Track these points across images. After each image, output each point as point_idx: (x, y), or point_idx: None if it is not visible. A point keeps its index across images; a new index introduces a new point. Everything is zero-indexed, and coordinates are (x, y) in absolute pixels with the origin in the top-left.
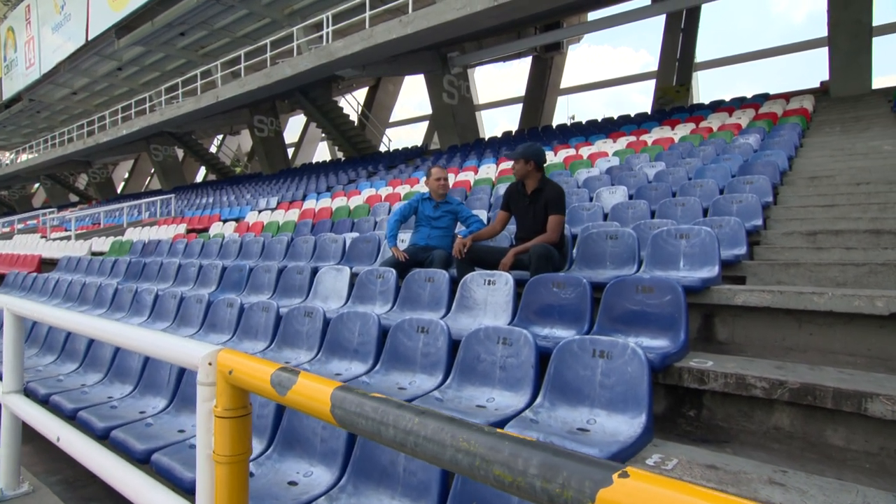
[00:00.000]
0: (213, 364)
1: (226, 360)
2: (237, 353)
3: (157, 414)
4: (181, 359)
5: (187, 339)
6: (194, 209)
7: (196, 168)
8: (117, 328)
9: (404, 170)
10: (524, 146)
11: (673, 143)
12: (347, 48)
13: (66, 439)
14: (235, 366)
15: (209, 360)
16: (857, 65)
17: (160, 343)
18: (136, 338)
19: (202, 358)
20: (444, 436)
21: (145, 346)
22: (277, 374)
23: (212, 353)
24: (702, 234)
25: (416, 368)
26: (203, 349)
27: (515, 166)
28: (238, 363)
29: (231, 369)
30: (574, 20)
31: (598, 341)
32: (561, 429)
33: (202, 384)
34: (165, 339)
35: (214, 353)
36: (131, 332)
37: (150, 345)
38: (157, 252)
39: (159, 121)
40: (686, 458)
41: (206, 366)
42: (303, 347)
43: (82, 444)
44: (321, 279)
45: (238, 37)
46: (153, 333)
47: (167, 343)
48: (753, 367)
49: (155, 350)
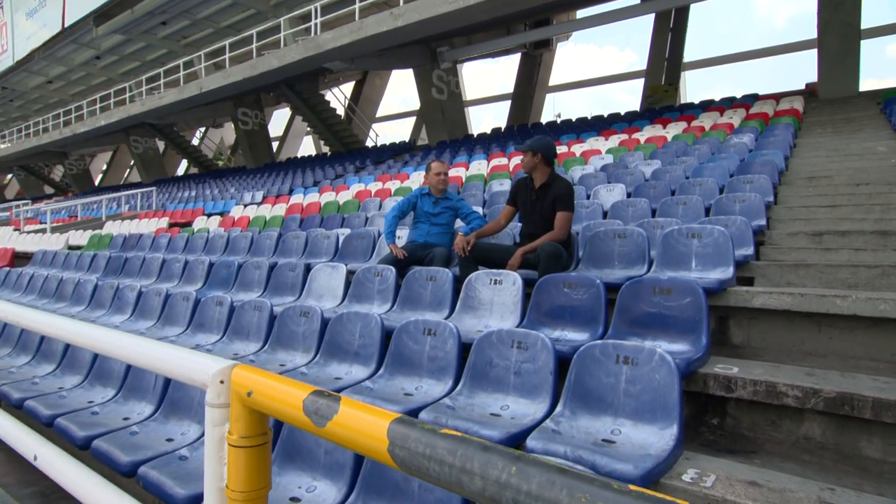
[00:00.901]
0: (227, 383)
1: (243, 378)
2: (256, 371)
3: (142, 421)
4: (185, 374)
5: (192, 351)
6: (176, 203)
7: (177, 161)
8: (102, 334)
9: (393, 165)
10: (534, 139)
11: (666, 142)
12: (336, 40)
13: (45, 457)
14: (257, 387)
15: (221, 378)
16: (846, 67)
17: (157, 353)
18: (127, 346)
19: (212, 375)
20: (556, 493)
21: (138, 356)
22: (313, 399)
23: (224, 369)
24: (715, 234)
25: (423, 373)
26: (213, 364)
27: (524, 159)
28: (260, 384)
29: (250, 390)
30: (563, 17)
31: (621, 346)
32: (585, 440)
33: (212, 406)
34: (164, 350)
35: (228, 370)
36: (119, 339)
37: (143, 355)
38: (138, 247)
39: (140, 111)
40: (723, 474)
41: (216, 384)
42: (299, 349)
43: (62, 462)
44: (315, 277)
45: (222, 27)
46: (147, 342)
47: (167, 354)
48: (782, 373)
49: (150, 361)
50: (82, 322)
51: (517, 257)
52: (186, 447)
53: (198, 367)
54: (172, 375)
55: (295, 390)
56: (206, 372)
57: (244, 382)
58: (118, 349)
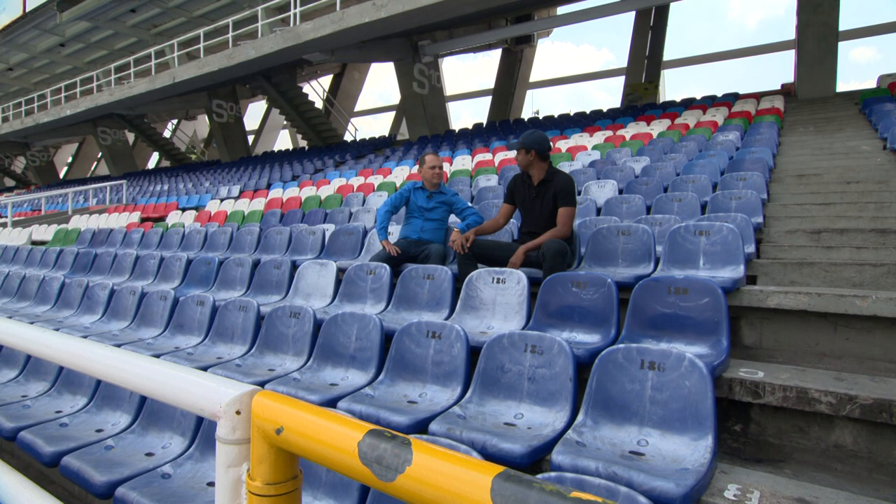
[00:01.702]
0: (245, 414)
1: (269, 410)
2: (285, 400)
3: (118, 433)
4: (187, 400)
5: (197, 371)
6: (148, 196)
7: (148, 154)
8: (68, 344)
9: (374, 160)
10: (525, 134)
11: (652, 139)
12: (316, 31)
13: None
14: (290, 422)
15: (237, 408)
16: (824, 68)
17: (148, 372)
18: (104, 361)
19: (226, 405)
20: None
21: (119, 374)
22: (372, 442)
23: (241, 396)
24: (724, 231)
25: (427, 379)
26: (226, 390)
27: (517, 157)
28: (294, 419)
29: (280, 426)
30: (544, 13)
31: (647, 351)
32: (612, 452)
33: (225, 442)
34: (158, 369)
35: (247, 398)
36: (94, 351)
37: (127, 373)
38: (108, 242)
39: (108, 101)
40: (767, 489)
41: (230, 416)
42: (289, 352)
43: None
44: (303, 275)
45: (195, 16)
46: (135, 357)
47: (162, 374)
48: (810, 378)
49: (139, 382)
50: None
51: (519, 255)
52: (169, 463)
53: (205, 393)
54: (171, 401)
55: (345, 429)
56: (215, 400)
57: (270, 415)
58: (90, 364)
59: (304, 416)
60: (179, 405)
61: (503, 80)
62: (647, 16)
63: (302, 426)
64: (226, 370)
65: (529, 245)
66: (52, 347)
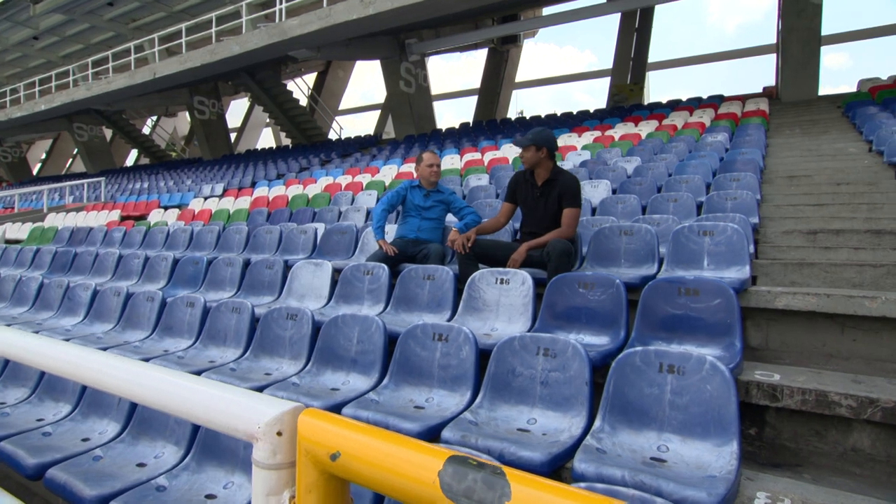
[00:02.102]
0: (289, 435)
1: (318, 431)
2: (337, 420)
3: (107, 443)
4: (219, 420)
5: (226, 385)
6: (128, 194)
7: (126, 150)
8: (86, 358)
9: (361, 158)
10: (534, 132)
11: (641, 139)
12: (303, 27)
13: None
14: (348, 446)
15: (277, 428)
16: (807, 71)
17: (172, 388)
18: (118, 374)
19: (265, 425)
20: None
21: (132, 388)
22: (456, 471)
23: (283, 415)
24: (728, 231)
25: (434, 383)
26: (265, 408)
27: (525, 154)
28: (352, 441)
29: (336, 451)
30: (530, 14)
31: (665, 354)
32: (632, 459)
33: (264, 467)
34: (184, 384)
35: (290, 417)
36: (103, 360)
37: (142, 387)
38: (88, 241)
39: (85, 97)
40: (797, 497)
41: (271, 437)
42: (286, 356)
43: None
44: (297, 275)
45: (175, 11)
46: (149, 368)
47: (188, 390)
48: (827, 380)
49: (157, 397)
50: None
51: (522, 252)
52: (164, 474)
53: (240, 412)
54: (202, 421)
55: (420, 455)
56: (252, 419)
57: (322, 438)
58: (101, 376)
59: (367, 441)
60: (210, 425)
61: (489, 79)
62: (632, 18)
63: (364, 451)
64: (220, 374)
65: (532, 243)
66: (56, 359)
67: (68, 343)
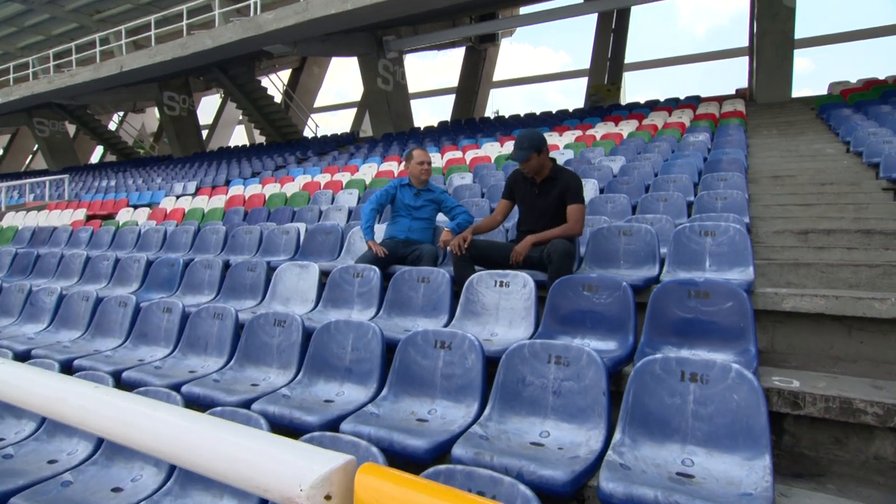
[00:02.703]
0: (341, 500)
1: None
2: (401, 478)
3: (77, 466)
4: (247, 479)
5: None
6: (94, 193)
7: (91, 147)
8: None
9: (338, 157)
10: (525, 139)
11: (623, 139)
12: (279, 21)
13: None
14: None
15: (326, 491)
16: (781, 73)
17: (186, 435)
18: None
19: (309, 488)
20: None
21: (144, 437)
22: None
23: (332, 474)
24: (730, 231)
25: (436, 393)
26: (308, 464)
27: (528, 164)
28: None
29: None
30: (508, 13)
31: (687, 361)
32: (658, 475)
33: None
34: (201, 429)
35: (342, 476)
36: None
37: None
38: (52, 242)
39: (46, 90)
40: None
41: (317, 501)
42: (273, 365)
43: None
44: (281, 277)
45: (142, 3)
46: (167, 410)
47: (208, 438)
48: (848, 386)
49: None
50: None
51: (527, 245)
52: (144, 501)
53: (275, 467)
54: (222, 478)
55: None
56: (291, 478)
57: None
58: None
59: None
60: (234, 482)
61: (467, 78)
62: (609, 18)
63: None
64: (202, 386)
65: (538, 237)
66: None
67: (58, 374)
